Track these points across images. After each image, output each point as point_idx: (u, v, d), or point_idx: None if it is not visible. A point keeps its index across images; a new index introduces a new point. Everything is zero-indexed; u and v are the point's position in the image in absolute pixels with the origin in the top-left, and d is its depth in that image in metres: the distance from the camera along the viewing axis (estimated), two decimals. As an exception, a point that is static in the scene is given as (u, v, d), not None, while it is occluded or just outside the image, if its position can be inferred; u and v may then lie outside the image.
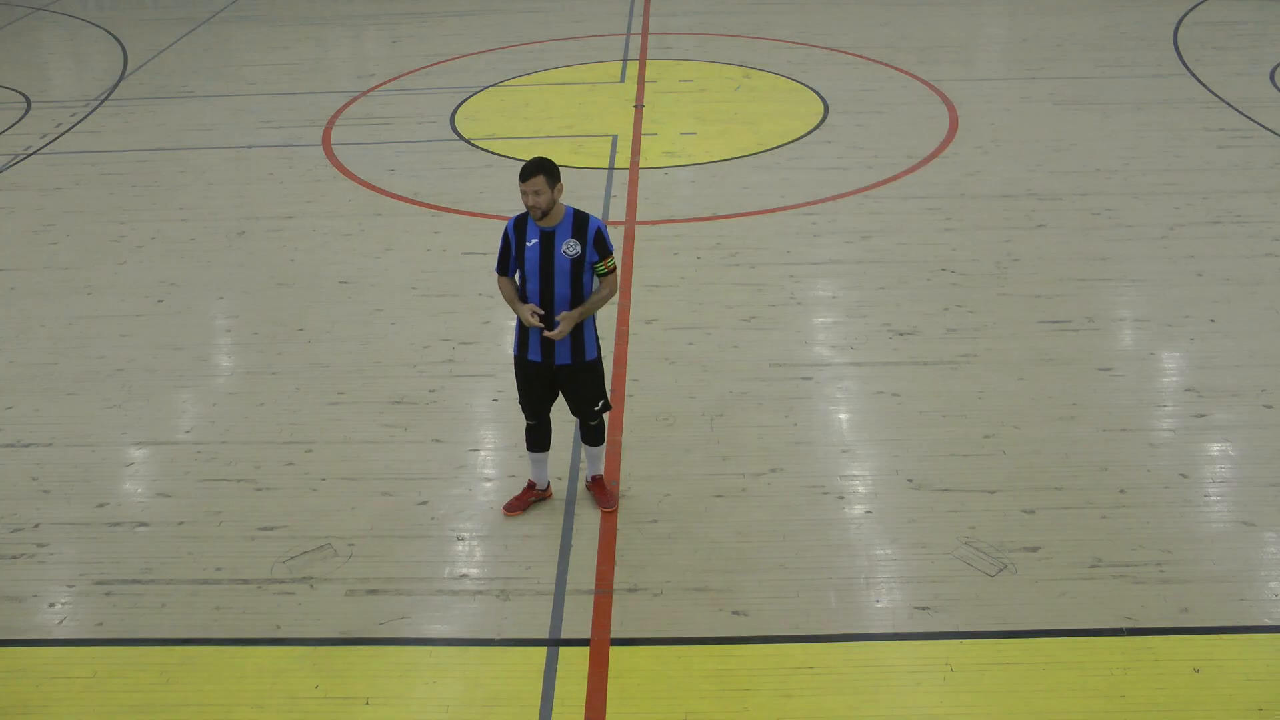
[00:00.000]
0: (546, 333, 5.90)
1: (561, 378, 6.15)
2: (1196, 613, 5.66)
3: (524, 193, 5.72)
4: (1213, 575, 5.92)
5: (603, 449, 6.56)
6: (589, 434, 6.44)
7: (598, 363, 6.20)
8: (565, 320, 5.89)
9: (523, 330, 6.07)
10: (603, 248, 5.91)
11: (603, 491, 6.60)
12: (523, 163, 5.81)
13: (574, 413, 6.37)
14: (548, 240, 5.85)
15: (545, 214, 5.80)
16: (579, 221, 5.88)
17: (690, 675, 5.38)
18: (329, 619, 5.82)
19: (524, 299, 6.01)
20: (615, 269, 6.00)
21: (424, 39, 17.25)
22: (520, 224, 5.95)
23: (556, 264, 5.85)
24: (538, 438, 6.43)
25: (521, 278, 6.00)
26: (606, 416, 6.87)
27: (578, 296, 5.94)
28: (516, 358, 6.20)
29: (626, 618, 5.75)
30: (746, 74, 14.85)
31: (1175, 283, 9.00)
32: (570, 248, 5.84)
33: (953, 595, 5.83)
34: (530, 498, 6.61)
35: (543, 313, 5.89)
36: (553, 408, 6.37)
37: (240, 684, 5.43)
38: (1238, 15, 16.95)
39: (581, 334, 6.04)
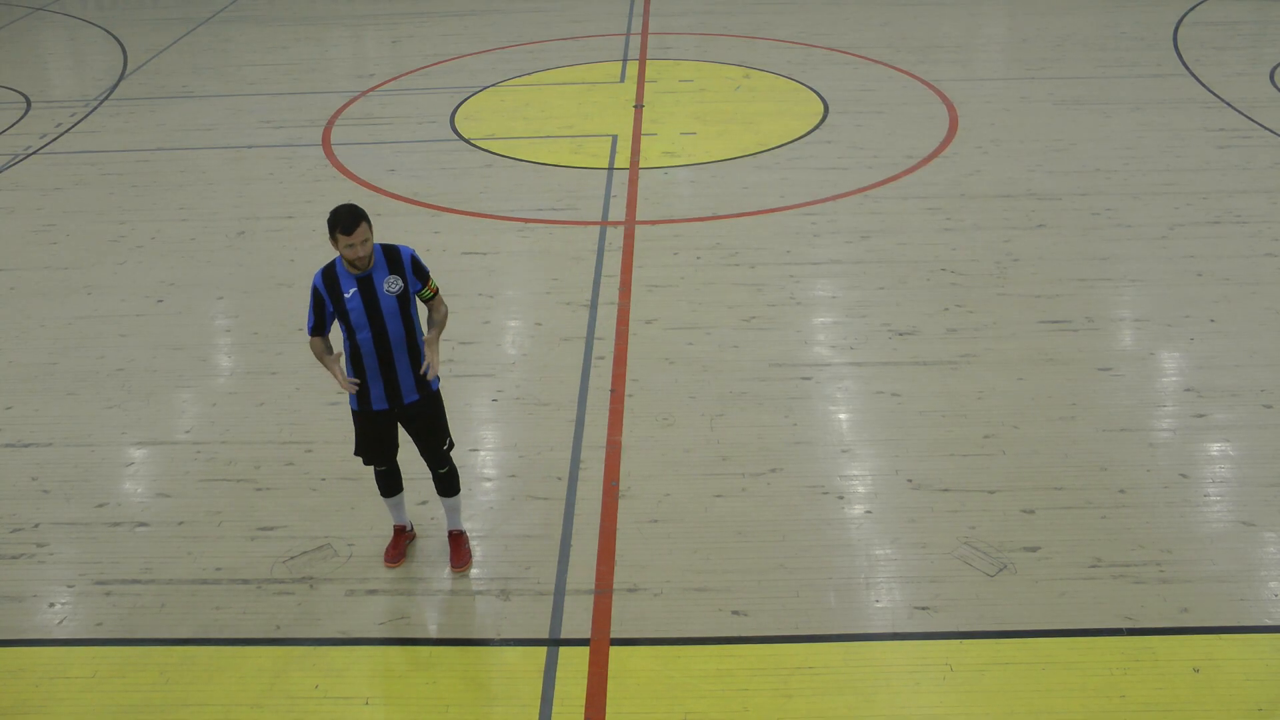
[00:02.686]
0: (428, 371, 5.60)
1: (412, 417, 5.83)
2: (1196, 613, 5.66)
3: (349, 245, 5.34)
4: (1213, 575, 5.92)
5: (459, 499, 6.19)
6: (442, 484, 6.09)
7: (440, 395, 5.91)
8: (432, 350, 5.64)
9: (362, 384, 5.73)
10: (421, 272, 5.65)
11: (459, 549, 6.21)
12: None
13: (425, 457, 6.02)
14: (367, 285, 5.51)
15: (368, 261, 5.48)
16: (390, 255, 5.56)
17: (690, 675, 5.38)
18: (329, 619, 5.82)
19: (354, 353, 5.63)
20: (438, 289, 5.76)
21: (424, 39, 17.25)
22: (330, 278, 5.55)
23: (384, 306, 5.52)
24: (390, 482, 6.14)
25: (349, 331, 5.59)
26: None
27: (411, 332, 5.63)
28: (359, 412, 5.83)
29: (626, 618, 5.75)
30: (746, 74, 14.84)
31: (1175, 283, 9.00)
32: (392, 284, 5.52)
33: (953, 595, 5.83)
34: (405, 542, 6.32)
35: (359, 382, 5.65)
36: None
37: (240, 684, 5.43)
38: (1238, 15, 16.94)
39: (421, 364, 5.72)
